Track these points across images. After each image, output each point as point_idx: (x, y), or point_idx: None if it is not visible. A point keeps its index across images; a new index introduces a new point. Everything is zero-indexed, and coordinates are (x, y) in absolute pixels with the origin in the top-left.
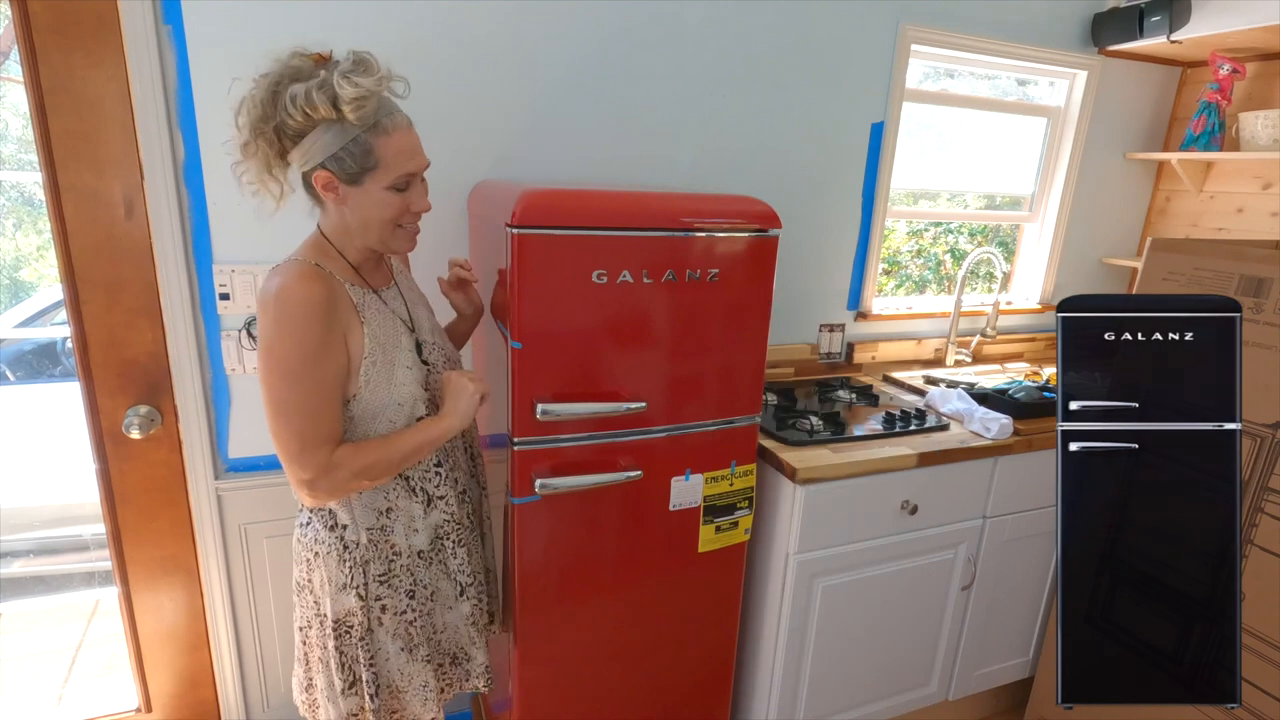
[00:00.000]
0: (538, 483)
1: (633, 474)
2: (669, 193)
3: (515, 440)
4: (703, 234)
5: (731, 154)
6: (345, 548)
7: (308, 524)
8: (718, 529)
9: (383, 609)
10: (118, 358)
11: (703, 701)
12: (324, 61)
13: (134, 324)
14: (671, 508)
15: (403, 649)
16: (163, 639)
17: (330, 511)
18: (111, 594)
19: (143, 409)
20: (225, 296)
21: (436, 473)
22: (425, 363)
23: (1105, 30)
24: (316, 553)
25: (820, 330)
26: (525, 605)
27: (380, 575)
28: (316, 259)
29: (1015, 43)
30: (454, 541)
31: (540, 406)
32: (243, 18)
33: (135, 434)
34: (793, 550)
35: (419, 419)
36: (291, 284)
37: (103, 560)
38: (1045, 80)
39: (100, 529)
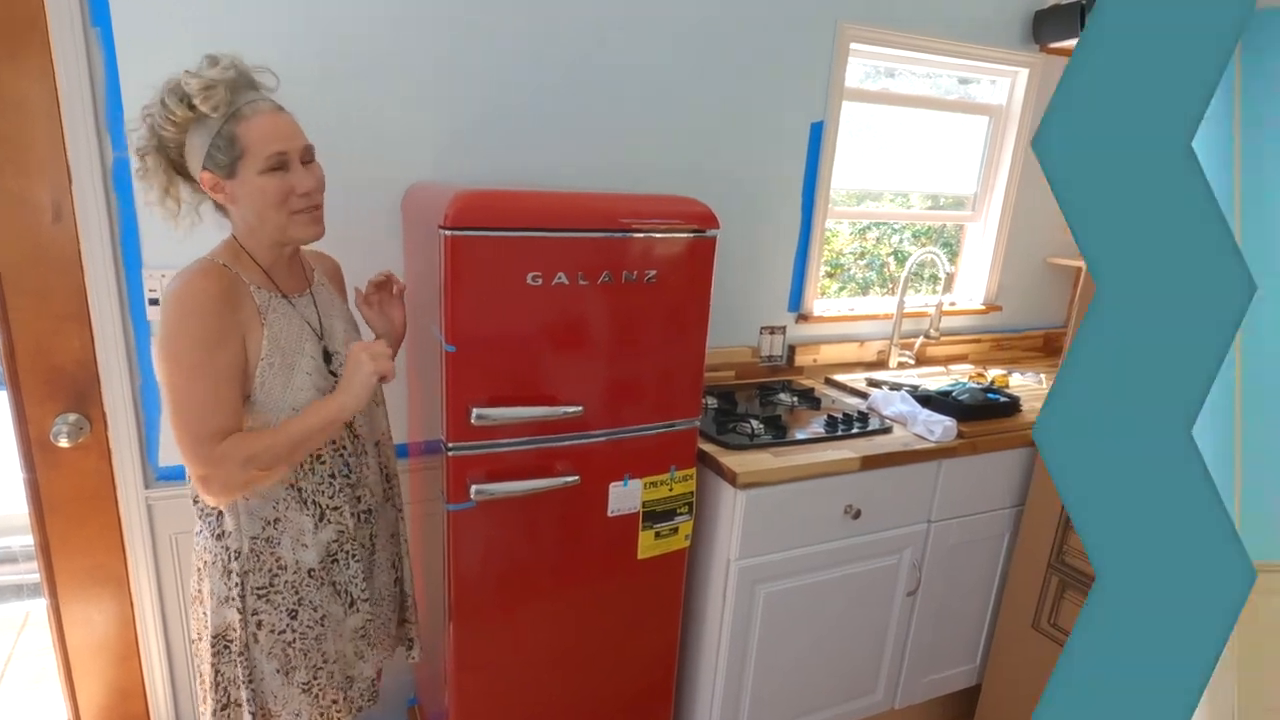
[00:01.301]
0: (473, 489)
1: (570, 479)
2: (605, 193)
3: (449, 445)
4: (639, 235)
5: (669, 154)
6: (230, 557)
7: (199, 532)
8: (657, 535)
9: (259, 625)
10: (45, 365)
11: (644, 710)
12: None
13: (62, 330)
14: (610, 514)
15: (278, 671)
16: (93, 650)
17: (218, 517)
18: (41, 606)
19: (71, 417)
20: (155, 302)
21: (330, 483)
22: (334, 374)
23: (1046, 27)
24: (206, 561)
25: (761, 333)
26: (461, 613)
27: (259, 588)
28: (225, 260)
29: (956, 41)
30: (347, 555)
31: (475, 411)
32: (173, 20)
33: (64, 442)
34: (734, 556)
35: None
36: (190, 279)
37: (32, 572)
38: (987, 79)
39: (29, 541)
